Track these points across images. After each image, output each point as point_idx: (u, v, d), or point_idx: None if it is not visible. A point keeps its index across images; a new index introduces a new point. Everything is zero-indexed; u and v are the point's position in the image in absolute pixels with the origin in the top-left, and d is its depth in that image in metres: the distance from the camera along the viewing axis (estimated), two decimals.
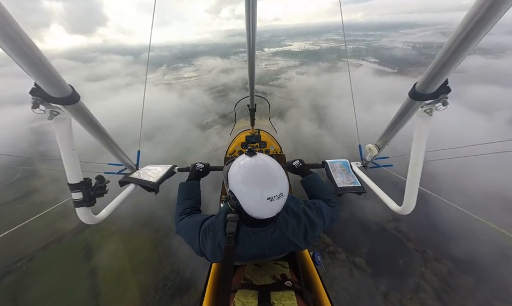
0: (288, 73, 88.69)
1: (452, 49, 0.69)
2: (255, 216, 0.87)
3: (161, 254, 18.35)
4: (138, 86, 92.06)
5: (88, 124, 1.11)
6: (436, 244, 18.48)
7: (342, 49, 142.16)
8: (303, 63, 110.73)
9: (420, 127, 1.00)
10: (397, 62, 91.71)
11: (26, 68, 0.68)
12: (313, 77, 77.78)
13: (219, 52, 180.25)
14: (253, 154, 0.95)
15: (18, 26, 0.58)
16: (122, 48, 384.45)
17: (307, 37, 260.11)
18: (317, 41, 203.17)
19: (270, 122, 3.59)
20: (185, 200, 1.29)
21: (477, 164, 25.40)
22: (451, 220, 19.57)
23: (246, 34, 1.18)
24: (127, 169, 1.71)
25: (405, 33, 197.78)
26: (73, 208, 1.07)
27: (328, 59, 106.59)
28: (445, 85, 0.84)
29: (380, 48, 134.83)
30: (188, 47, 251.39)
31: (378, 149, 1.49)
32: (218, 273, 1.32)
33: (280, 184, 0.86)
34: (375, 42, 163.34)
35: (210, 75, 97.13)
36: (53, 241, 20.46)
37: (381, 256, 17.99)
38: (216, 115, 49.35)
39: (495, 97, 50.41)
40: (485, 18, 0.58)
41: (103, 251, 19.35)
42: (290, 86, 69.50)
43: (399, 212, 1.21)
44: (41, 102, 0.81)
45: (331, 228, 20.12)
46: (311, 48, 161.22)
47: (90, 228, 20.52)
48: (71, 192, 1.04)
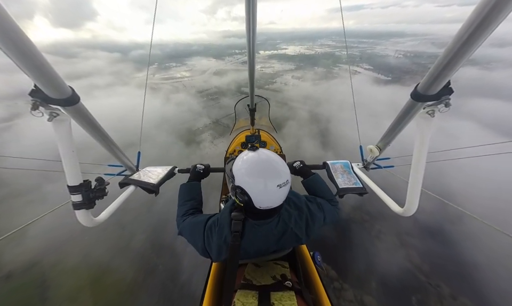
0: (284, 77, 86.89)
1: (455, 50, 0.68)
2: (264, 207, 0.89)
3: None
4: (119, 89, 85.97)
5: (88, 125, 1.09)
6: (451, 277, 16.54)
7: (336, 55, 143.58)
8: (298, 67, 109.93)
9: (422, 128, 0.99)
10: (391, 70, 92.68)
11: (26, 69, 0.68)
12: (310, 83, 75.51)
13: (214, 53, 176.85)
14: (255, 149, 0.98)
15: (18, 28, 0.58)
16: (112, 45, 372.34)
17: (302, 41, 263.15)
18: (312, 46, 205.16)
19: (270, 122, 3.52)
20: (186, 202, 1.28)
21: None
22: (467, 246, 18.17)
23: (246, 34, 1.18)
24: (127, 170, 1.69)
25: (395, 41, 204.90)
26: (73, 211, 1.06)
27: (323, 65, 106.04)
28: (448, 86, 0.82)
29: (373, 55, 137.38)
30: (181, 46, 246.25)
31: (379, 150, 1.49)
32: (219, 272, 1.32)
33: (285, 173, 0.91)
34: (368, 49, 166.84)
35: (202, 77, 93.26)
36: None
37: (392, 292, 15.92)
38: (208, 119, 46.18)
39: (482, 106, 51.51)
40: (488, 19, 0.57)
41: (62, 291, 15.79)
42: (286, 90, 67.08)
43: (401, 214, 1.20)
44: (40, 103, 0.81)
45: (336, 257, 17.67)
46: (307, 53, 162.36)
47: (47, 259, 17.35)
48: (71, 194, 1.03)
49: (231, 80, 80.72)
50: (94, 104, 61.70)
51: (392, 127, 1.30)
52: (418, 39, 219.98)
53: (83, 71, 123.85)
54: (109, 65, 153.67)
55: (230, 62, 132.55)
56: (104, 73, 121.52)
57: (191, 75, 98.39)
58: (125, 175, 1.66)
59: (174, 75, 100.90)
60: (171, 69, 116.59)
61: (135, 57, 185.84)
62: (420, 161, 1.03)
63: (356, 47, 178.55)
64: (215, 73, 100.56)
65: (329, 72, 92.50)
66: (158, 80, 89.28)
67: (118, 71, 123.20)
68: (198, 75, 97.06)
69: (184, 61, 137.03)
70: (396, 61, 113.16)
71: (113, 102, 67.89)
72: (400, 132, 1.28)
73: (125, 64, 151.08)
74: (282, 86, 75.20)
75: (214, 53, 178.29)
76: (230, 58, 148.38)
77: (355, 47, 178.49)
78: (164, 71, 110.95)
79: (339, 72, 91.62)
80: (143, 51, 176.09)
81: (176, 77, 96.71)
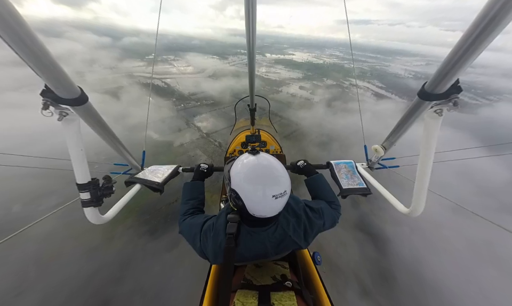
0: (291, 87, 77.50)
1: (464, 47, 0.66)
2: (258, 215, 0.86)
3: None
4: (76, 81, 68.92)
5: (96, 125, 1.12)
6: None
7: (345, 67, 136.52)
8: (306, 76, 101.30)
9: (429, 127, 0.97)
10: (404, 91, 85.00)
11: (37, 70, 0.71)
12: (323, 104, 63.48)
13: (217, 50, 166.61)
14: (256, 153, 0.95)
15: (30, 30, 0.61)
16: (108, 29, 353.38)
17: (310, 49, 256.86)
18: (320, 55, 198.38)
19: (270, 122, 3.49)
20: (189, 200, 1.28)
21: None
22: None
23: (245, 35, 1.18)
24: (133, 169, 1.72)
25: (400, 60, 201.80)
26: (81, 208, 1.09)
27: (334, 77, 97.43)
28: (456, 85, 0.81)
29: (382, 72, 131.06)
30: (181, 39, 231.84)
31: (384, 150, 1.47)
32: (218, 273, 1.31)
33: (284, 183, 0.87)
34: (377, 65, 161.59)
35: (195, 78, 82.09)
36: None
37: None
38: (196, 133, 36.30)
39: None
40: (499, 16, 0.56)
41: None
42: (294, 105, 56.96)
43: (407, 214, 1.19)
44: (51, 103, 0.83)
45: None
46: (314, 61, 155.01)
47: None
48: (79, 192, 1.05)
49: (225, 87, 68.38)
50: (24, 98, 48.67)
51: (398, 127, 1.27)
52: (424, 60, 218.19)
53: (60, 55, 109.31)
54: (88, 50, 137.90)
55: (233, 62, 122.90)
56: (74, 60, 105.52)
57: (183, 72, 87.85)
58: (130, 174, 1.67)
59: (170, 70, 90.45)
60: (168, 62, 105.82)
61: (126, 44, 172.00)
62: (427, 161, 1.01)
63: (364, 61, 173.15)
64: (211, 75, 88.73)
65: (342, 89, 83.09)
66: (147, 74, 78.43)
67: (91, 59, 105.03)
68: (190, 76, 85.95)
69: (181, 56, 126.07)
70: (407, 81, 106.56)
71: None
72: (406, 132, 1.26)
73: (108, 51, 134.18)
74: (288, 97, 65.75)
75: (218, 50, 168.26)
76: (234, 57, 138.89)
77: (363, 61, 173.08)
78: (161, 63, 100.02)
79: (352, 89, 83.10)
80: (136, 40, 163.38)
81: (172, 72, 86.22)
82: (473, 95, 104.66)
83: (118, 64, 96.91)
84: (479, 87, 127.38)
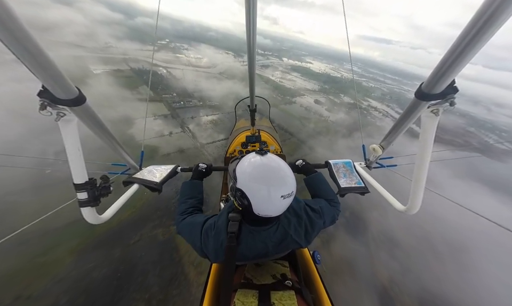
0: (306, 99, 71.44)
1: (460, 48, 0.67)
2: (263, 215, 0.86)
3: None
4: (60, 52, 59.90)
5: (93, 125, 1.12)
6: None
7: (363, 85, 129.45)
8: (322, 89, 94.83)
9: (426, 127, 0.99)
10: None
11: (34, 71, 0.71)
12: (337, 120, 56.61)
13: (231, 46, 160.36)
14: (264, 153, 0.95)
15: (26, 30, 0.61)
16: (125, 5, 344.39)
17: (328, 60, 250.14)
18: (338, 68, 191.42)
19: (270, 122, 3.55)
20: (187, 199, 1.27)
21: None
22: None
23: (246, 35, 1.21)
24: (131, 169, 1.72)
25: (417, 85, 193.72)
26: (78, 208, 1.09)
27: (351, 95, 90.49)
28: (452, 85, 0.82)
29: (402, 96, 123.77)
30: (198, 28, 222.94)
31: (382, 149, 1.51)
32: (219, 272, 1.32)
33: (291, 183, 0.87)
34: (396, 88, 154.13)
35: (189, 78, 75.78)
36: None
37: None
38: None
39: None
40: (495, 16, 0.56)
41: None
42: (309, 125, 49.94)
43: (404, 212, 1.23)
44: (48, 103, 0.83)
45: None
46: (332, 74, 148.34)
47: None
48: (77, 192, 1.05)
49: (227, 91, 60.68)
50: None
51: (396, 126, 1.30)
52: None
53: (55, 22, 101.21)
54: (90, 23, 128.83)
55: (246, 62, 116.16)
56: (66, 31, 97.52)
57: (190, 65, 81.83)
58: (128, 174, 1.67)
59: (179, 58, 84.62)
60: (179, 51, 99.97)
61: (137, 24, 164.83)
62: (424, 160, 1.03)
63: (382, 82, 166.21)
64: (222, 73, 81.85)
65: (360, 110, 76.39)
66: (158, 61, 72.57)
67: (89, 33, 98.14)
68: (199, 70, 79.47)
69: (194, 46, 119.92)
70: None
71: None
72: (403, 131, 1.29)
73: (113, 29, 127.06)
74: (302, 111, 59.23)
75: (233, 46, 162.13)
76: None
77: (382, 82, 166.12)
78: (171, 51, 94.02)
79: (373, 112, 76.13)
80: (150, 21, 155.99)
81: (181, 61, 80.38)
82: (498, 137, 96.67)
83: (116, 44, 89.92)
84: (504, 129, 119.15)
